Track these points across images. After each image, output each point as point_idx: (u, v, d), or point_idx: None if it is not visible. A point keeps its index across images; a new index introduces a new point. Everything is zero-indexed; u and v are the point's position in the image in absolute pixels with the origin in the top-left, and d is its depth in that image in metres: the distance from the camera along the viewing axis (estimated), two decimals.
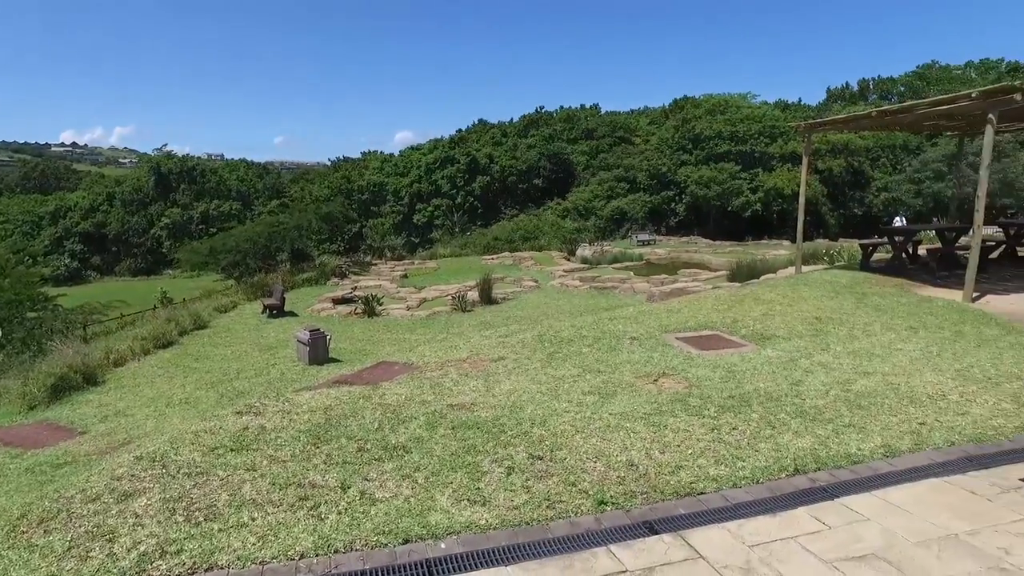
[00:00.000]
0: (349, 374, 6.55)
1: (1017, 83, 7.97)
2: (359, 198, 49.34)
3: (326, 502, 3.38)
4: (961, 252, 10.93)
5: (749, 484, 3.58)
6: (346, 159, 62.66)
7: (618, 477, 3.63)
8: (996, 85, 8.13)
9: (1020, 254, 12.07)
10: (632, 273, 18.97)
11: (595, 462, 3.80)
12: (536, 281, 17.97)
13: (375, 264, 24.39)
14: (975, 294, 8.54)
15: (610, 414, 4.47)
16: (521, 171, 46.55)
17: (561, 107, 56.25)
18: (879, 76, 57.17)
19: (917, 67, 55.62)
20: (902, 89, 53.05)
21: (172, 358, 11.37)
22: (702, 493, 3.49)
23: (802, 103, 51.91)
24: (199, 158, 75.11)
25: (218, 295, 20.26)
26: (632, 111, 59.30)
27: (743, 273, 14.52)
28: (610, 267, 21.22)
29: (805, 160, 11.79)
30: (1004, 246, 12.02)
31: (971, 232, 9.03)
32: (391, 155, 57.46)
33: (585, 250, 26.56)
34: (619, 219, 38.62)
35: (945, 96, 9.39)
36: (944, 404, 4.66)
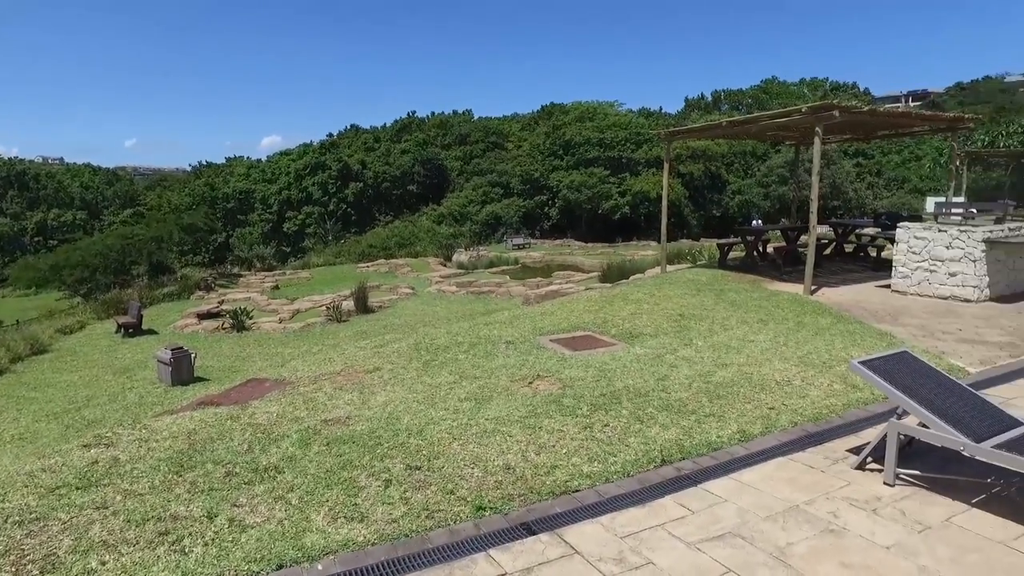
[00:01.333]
0: (216, 394, 6.18)
1: (836, 101, 8.94)
2: (224, 206, 46.58)
3: (190, 534, 3.17)
4: (802, 249, 12.07)
5: (621, 478, 3.75)
6: (209, 164, 58.97)
7: (496, 481, 3.68)
8: (820, 102, 9.07)
9: (847, 250, 13.52)
10: (508, 277, 19.29)
11: (473, 468, 3.83)
12: (413, 288, 17.82)
13: (244, 276, 23.18)
14: (813, 287, 9.45)
15: (487, 419, 4.53)
16: (395, 177, 45.97)
17: (434, 113, 56.21)
18: (729, 88, 61.92)
19: (761, 81, 60.71)
20: (749, 101, 57.70)
21: (2, 389, 10.19)
22: (577, 490, 3.62)
23: (663, 112, 55.05)
24: (30, 161, 67.73)
25: (62, 315, 18.42)
26: (504, 117, 60.26)
27: (614, 274, 15.19)
28: (486, 272, 21.46)
29: (666, 165, 12.54)
30: (835, 243, 13.42)
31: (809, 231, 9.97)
32: (258, 161, 54.74)
33: (461, 255, 26.71)
34: (494, 224, 39.13)
35: (782, 110, 10.34)
36: (789, 389, 5.13)
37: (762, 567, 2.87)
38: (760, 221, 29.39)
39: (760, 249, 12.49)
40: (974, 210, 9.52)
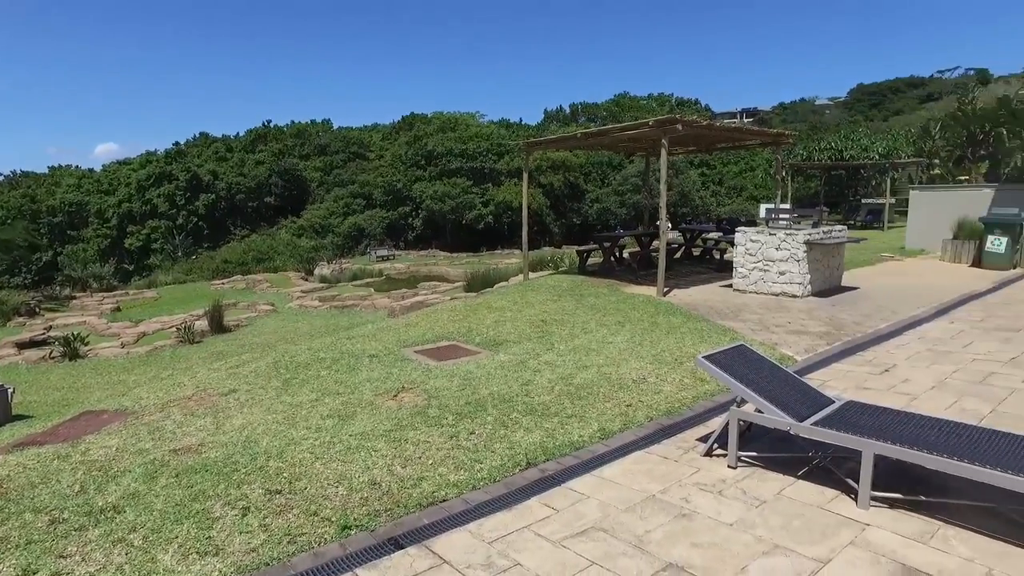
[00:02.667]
0: (40, 432, 5.53)
1: (678, 116, 9.64)
2: (50, 221, 41.94)
3: None
4: (655, 254, 12.86)
5: (487, 484, 3.80)
6: (28, 174, 52.81)
7: (361, 498, 3.59)
8: (665, 116, 9.73)
9: (695, 253, 14.59)
10: (373, 289, 18.93)
11: (337, 487, 3.72)
12: (273, 304, 17.00)
13: (78, 298, 20.95)
14: (665, 289, 10.07)
15: (351, 436, 4.42)
16: (251, 188, 43.67)
17: (292, 122, 54.07)
18: (587, 101, 64.85)
19: (614, 95, 64.14)
20: (604, 114, 60.70)
21: None
22: (444, 500, 3.61)
23: (523, 123, 56.57)
24: None
25: None
26: (365, 127, 59.23)
27: (478, 283, 15.35)
28: (350, 285, 20.92)
29: (525, 175, 12.90)
30: (684, 247, 14.44)
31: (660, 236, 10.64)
32: (91, 170, 49.85)
33: (324, 269, 25.86)
34: (357, 235, 38.32)
35: (631, 123, 10.96)
36: (645, 386, 5.44)
37: (622, 556, 3.02)
38: (621, 228, 31.05)
39: (617, 254, 13.16)
40: (797, 214, 10.62)
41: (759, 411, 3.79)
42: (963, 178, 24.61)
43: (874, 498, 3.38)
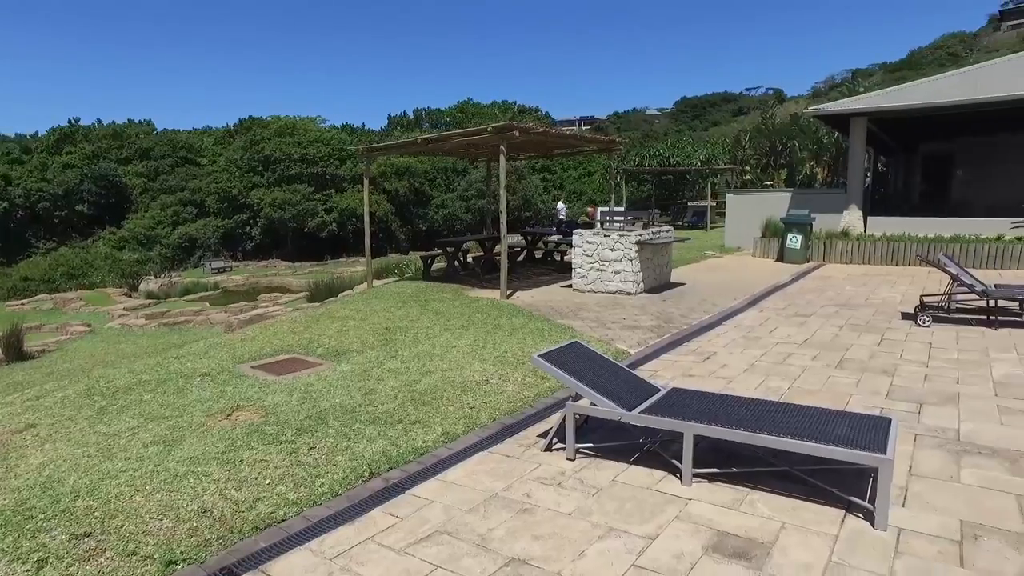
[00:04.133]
0: None
1: (515, 123, 9.94)
2: None
3: None
4: (498, 257, 13.15)
5: (329, 499, 3.67)
6: None
7: (190, 529, 3.33)
8: (504, 123, 9.99)
9: (537, 256, 15.11)
10: (208, 304, 17.65)
11: (162, 519, 3.42)
12: (89, 325, 15.27)
13: None
14: (508, 291, 10.34)
15: (177, 462, 4.08)
16: (57, 196, 38.98)
17: (110, 122, 49.00)
18: (430, 107, 64.90)
19: (458, 102, 64.79)
20: (448, 120, 61.14)
21: None
22: (283, 520, 3.45)
23: (367, 128, 55.55)
24: None
25: None
26: (195, 130, 55.18)
27: (322, 292, 14.83)
28: (182, 300, 19.35)
29: (366, 181, 12.65)
30: (526, 250, 14.90)
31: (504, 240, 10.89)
32: None
33: (151, 284, 23.70)
34: (189, 246, 35.55)
35: (471, 129, 11.13)
36: (488, 388, 5.54)
37: (466, 557, 3.05)
38: (471, 233, 31.36)
39: (461, 259, 13.30)
40: (630, 217, 11.35)
41: (594, 404, 3.99)
42: (769, 183, 27.68)
43: (696, 475, 3.69)
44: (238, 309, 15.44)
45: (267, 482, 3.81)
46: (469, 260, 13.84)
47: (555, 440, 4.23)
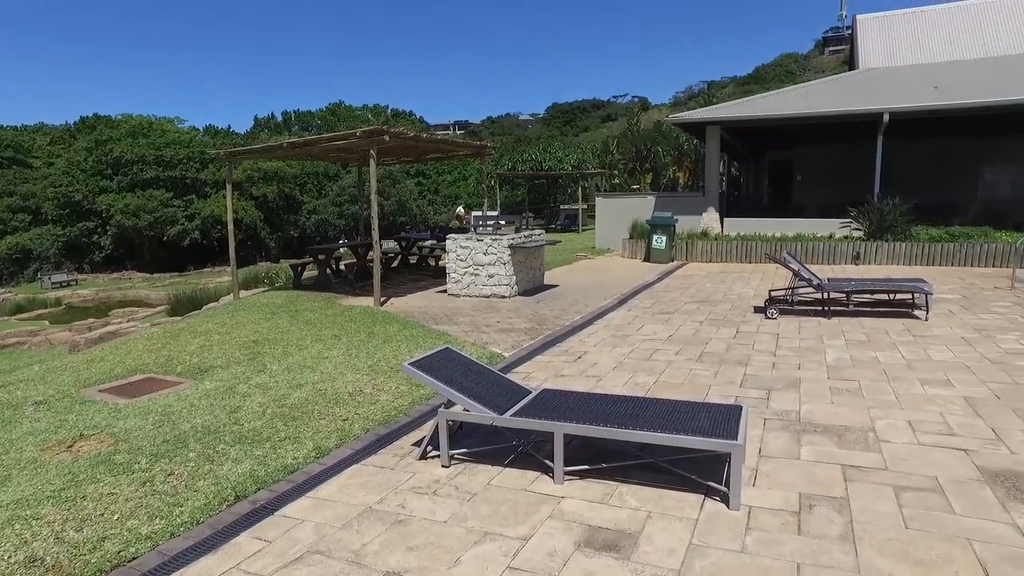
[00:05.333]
0: None
1: (386, 127, 9.80)
2: None
3: None
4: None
5: (189, 528, 3.43)
6: None
7: None
8: (373, 127, 9.81)
9: (412, 261, 14.98)
10: (47, 323, 15.99)
11: None
12: None
13: None
14: (383, 298, 10.16)
15: (1, 507, 3.65)
16: None
17: None
18: (301, 109, 62.57)
19: (329, 104, 62.95)
20: (319, 123, 59.22)
21: None
22: (135, 558, 3.17)
23: (231, 131, 52.59)
24: None
25: None
26: (26, 127, 49.80)
27: (184, 306, 13.89)
28: (13, 319, 17.38)
29: (229, 186, 11.99)
30: (400, 256, 14.73)
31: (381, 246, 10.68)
32: None
33: None
34: (22, 259, 31.99)
35: (340, 133, 10.84)
36: (361, 398, 5.41)
37: (339, 575, 2.96)
38: (346, 238, 30.46)
39: (333, 267, 12.91)
40: (502, 221, 11.52)
41: (466, 410, 4.01)
42: (636, 187, 29.14)
43: (568, 472, 3.79)
44: (85, 327, 14.11)
45: (115, 517, 3.50)
46: (342, 267, 13.47)
47: (430, 448, 4.20)
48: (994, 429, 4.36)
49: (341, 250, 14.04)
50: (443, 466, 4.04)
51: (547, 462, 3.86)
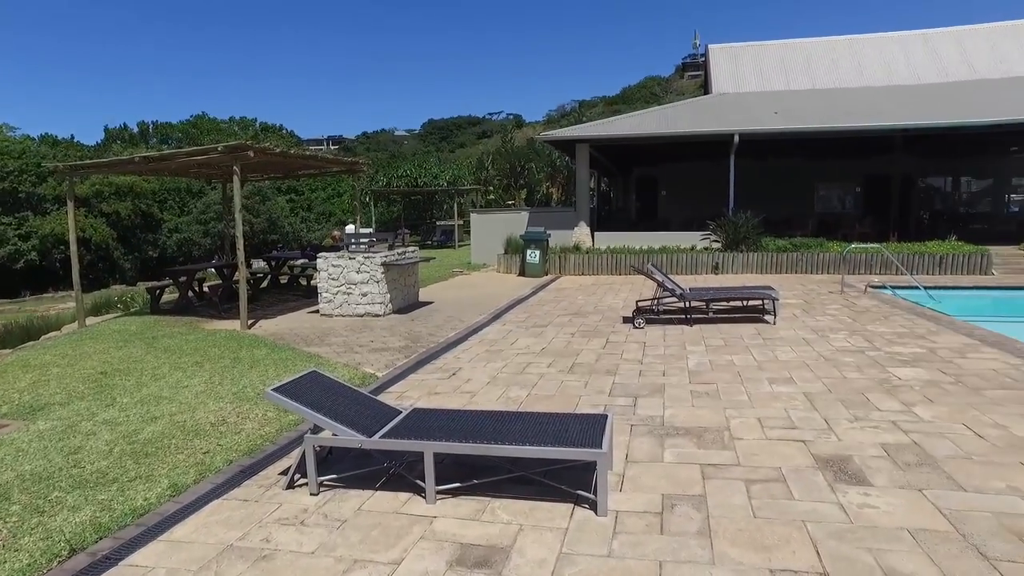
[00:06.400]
0: None
1: (250, 142, 9.38)
2: None
3: None
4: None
5: None
6: None
7: None
8: (237, 143, 9.36)
9: (283, 281, 14.37)
10: None
11: None
12: None
13: None
14: (250, 321, 9.67)
15: None
16: None
17: None
18: (160, 121, 58.48)
19: (192, 116, 59.34)
20: (180, 135, 55.65)
21: None
22: None
23: (77, 141, 48.21)
24: None
25: None
26: None
27: (15, 337, 12.48)
28: None
29: (70, 203, 11.00)
30: (270, 276, 14.09)
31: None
32: None
33: None
34: None
35: (200, 148, 10.25)
36: (224, 428, 5.09)
37: None
38: (217, 258, 28.68)
39: (196, 289, 12.13)
40: (374, 239, 11.31)
41: (335, 434, 3.88)
42: (511, 202, 29.70)
43: (440, 491, 3.76)
44: None
45: None
46: (206, 289, 12.66)
47: (297, 476, 4.02)
48: (826, 420, 4.82)
49: (206, 270, 13.21)
50: (311, 494, 3.88)
51: (419, 482, 3.81)
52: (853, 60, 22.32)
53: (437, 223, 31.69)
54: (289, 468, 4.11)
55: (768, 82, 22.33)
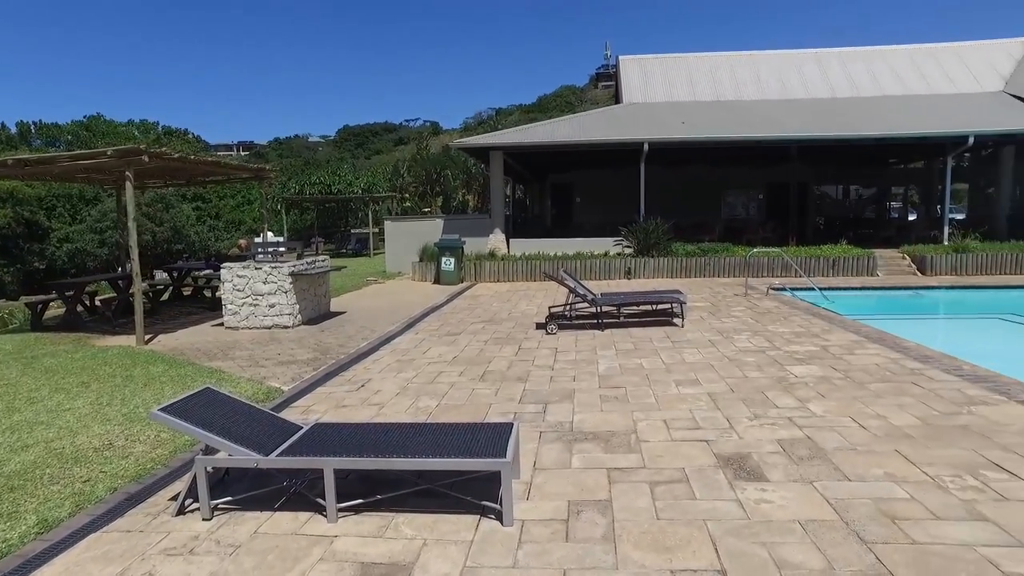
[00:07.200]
0: None
1: (143, 147, 8.86)
2: None
3: None
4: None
5: None
6: None
7: None
8: (128, 147, 8.82)
9: (186, 293, 13.66)
10: None
11: None
12: None
13: None
14: (148, 336, 9.12)
15: None
16: None
17: None
18: (45, 121, 54.52)
19: (85, 117, 55.67)
20: (70, 138, 52.10)
21: None
22: None
23: None
24: None
25: None
26: None
27: None
28: None
29: None
30: (172, 288, 13.35)
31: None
32: None
33: None
34: None
35: (86, 152, 9.59)
36: (110, 453, 4.73)
37: None
38: (122, 269, 26.87)
39: (87, 303, 11.32)
40: (282, 248, 10.92)
41: (230, 455, 3.67)
42: (427, 210, 29.46)
43: (342, 509, 3.62)
44: None
45: None
46: (98, 303, 11.84)
47: (189, 501, 3.78)
48: (728, 419, 4.99)
49: (98, 283, 12.35)
50: (204, 519, 3.64)
51: (320, 500, 3.66)
52: (753, 74, 23.50)
53: (352, 231, 31.03)
54: (179, 493, 3.85)
55: (675, 93, 23.17)
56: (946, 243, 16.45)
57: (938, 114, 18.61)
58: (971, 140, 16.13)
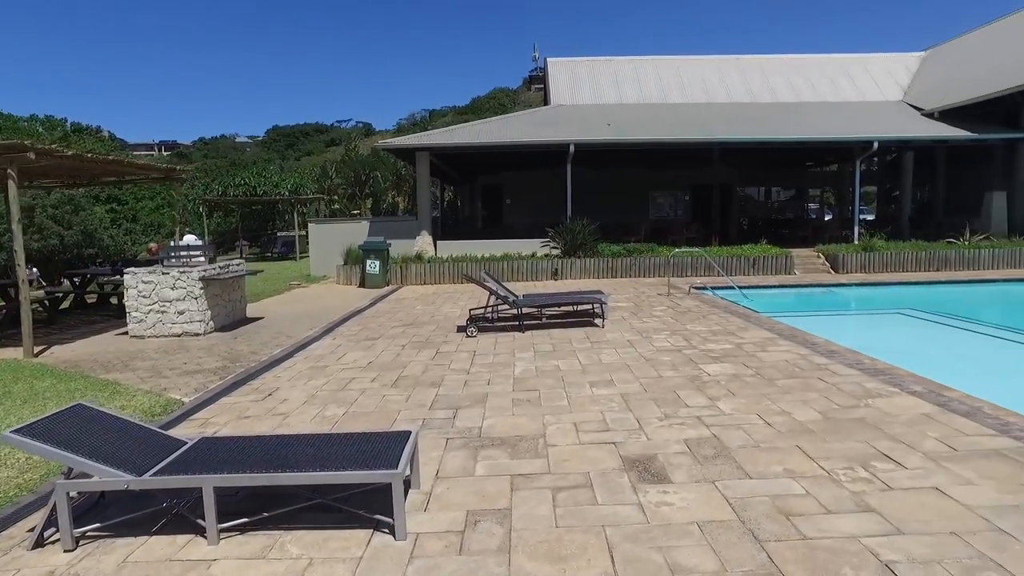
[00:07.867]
0: None
1: (28, 142, 8.24)
2: None
3: None
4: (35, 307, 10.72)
5: None
6: None
7: None
8: (11, 142, 8.18)
9: (90, 300, 12.86)
10: None
11: None
12: None
13: None
14: (40, 347, 8.52)
15: None
16: None
17: None
18: None
19: None
20: None
21: None
22: None
23: None
24: None
25: None
26: None
27: None
28: None
29: None
30: (74, 295, 12.54)
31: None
32: None
33: None
34: None
35: None
36: None
37: None
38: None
39: None
40: (196, 252, 10.38)
41: (99, 476, 3.37)
42: (356, 212, 28.86)
43: (225, 529, 3.38)
44: None
45: None
46: None
47: (51, 531, 3.45)
48: (639, 420, 4.97)
49: None
50: (66, 550, 3.33)
51: (200, 522, 3.41)
52: (677, 78, 24.05)
53: (278, 234, 30.07)
54: (36, 525, 3.52)
55: (602, 95, 23.47)
56: (856, 242, 17.23)
57: (848, 120, 19.51)
58: (876, 145, 16.99)
